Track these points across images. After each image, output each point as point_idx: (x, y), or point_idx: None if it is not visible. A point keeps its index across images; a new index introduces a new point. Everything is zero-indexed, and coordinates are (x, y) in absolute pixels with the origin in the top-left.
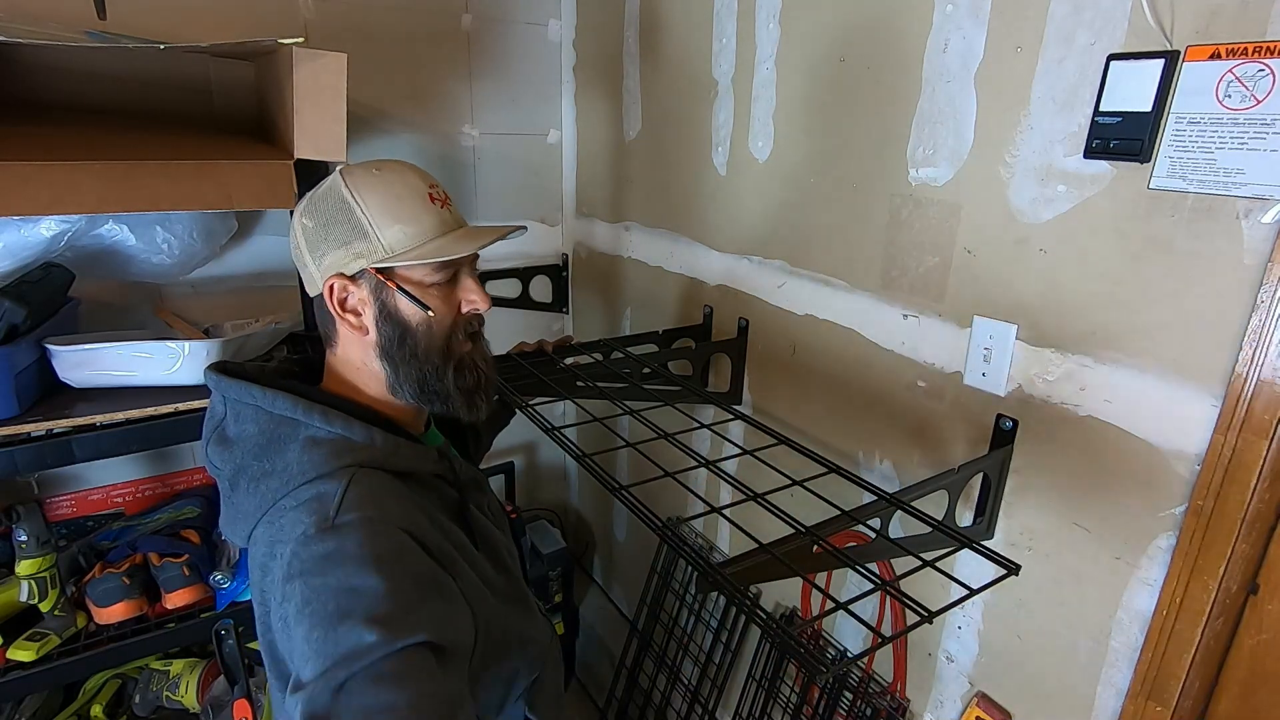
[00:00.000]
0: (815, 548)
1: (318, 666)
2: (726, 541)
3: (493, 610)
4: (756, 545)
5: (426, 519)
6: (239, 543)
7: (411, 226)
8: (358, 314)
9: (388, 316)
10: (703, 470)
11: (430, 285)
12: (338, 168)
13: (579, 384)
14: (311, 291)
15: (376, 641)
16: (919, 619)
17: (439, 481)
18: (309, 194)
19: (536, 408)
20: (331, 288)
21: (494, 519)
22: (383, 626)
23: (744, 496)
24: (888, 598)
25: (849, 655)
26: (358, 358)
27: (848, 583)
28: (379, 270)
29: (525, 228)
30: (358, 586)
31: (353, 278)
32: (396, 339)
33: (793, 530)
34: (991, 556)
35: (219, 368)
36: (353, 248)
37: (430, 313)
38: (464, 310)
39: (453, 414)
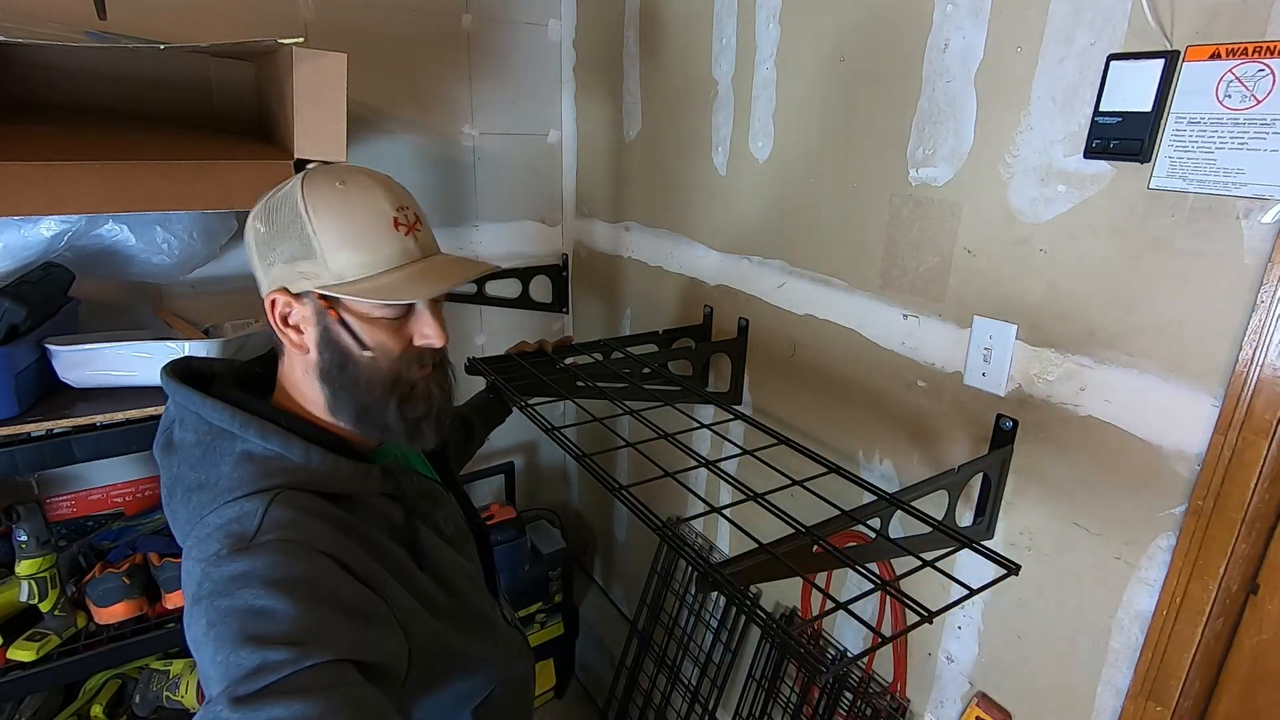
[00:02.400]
0: (815, 548)
1: (222, 685)
2: (726, 541)
3: (431, 631)
4: (756, 545)
5: (357, 542)
6: (182, 547)
7: (364, 255)
8: (299, 331)
9: (329, 343)
10: (703, 470)
11: (378, 319)
12: (303, 171)
13: (579, 384)
14: (262, 294)
15: (284, 659)
16: (919, 619)
17: (385, 500)
18: (267, 195)
19: (536, 408)
20: (274, 301)
21: (451, 535)
22: (291, 646)
23: (744, 496)
24: (888, 598)
25: (849, 655)
26: (299, 373)
27: (848, 583)
28: (323, 296)
29: (499, 268)
30: (266, 609)
31: (297, 295)
32: (336, 365)
33: (793, 530)
34: (991, 556)
35: (176, 368)
36: (298, 265)
37: (369, 353)
38: (417, 343)
39: (395, 442)
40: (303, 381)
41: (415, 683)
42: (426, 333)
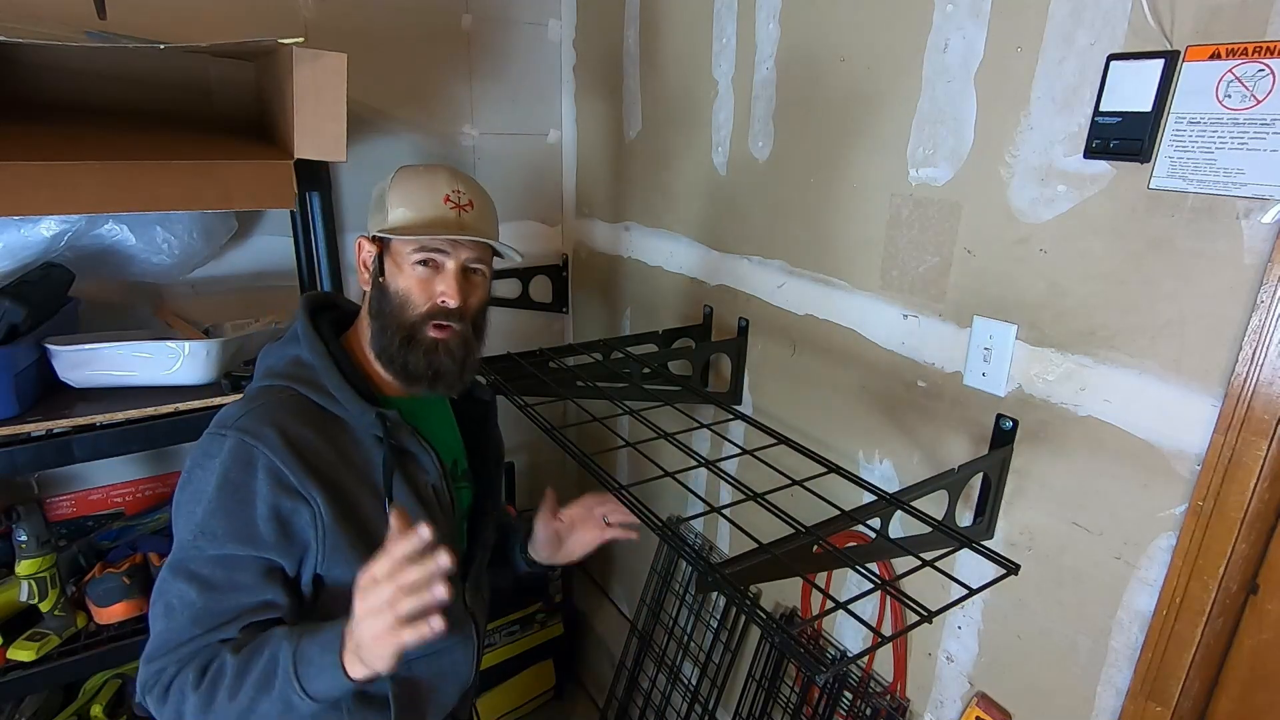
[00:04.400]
0: (815, 548)
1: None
2: (726, 541)
3: (350, 555)
4: (756, 545)
5: (328, 443)
6: None
7: (413, 212)
8: (366, 268)
9: (378, 280)
10: (703, 470)
11: (413, 265)
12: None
13: (579, 384)
14: None
15: (189, 541)
16: (919, 619)
17: (375, 441)
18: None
19: (536, 408)
20: (360, 244)
21: (427, 499)
22: (200, 533)
23: (744, 496)
24: (888, 598)
25: (849, 655)
26: (364, 312)
27: (848, 583)
28: (378, 237)
29: (519, 260)
30: (201, 491)
31: (371, 239)
32: (377, 299)
33: (793, 530)
34: (991, 556)
35: (309, 302)
36: (374, 217)
37: (381, 278)
38: (436, 301)
39: (420, 388)
40: (364, 320)
41: (328, 599)
42: (441, 289)
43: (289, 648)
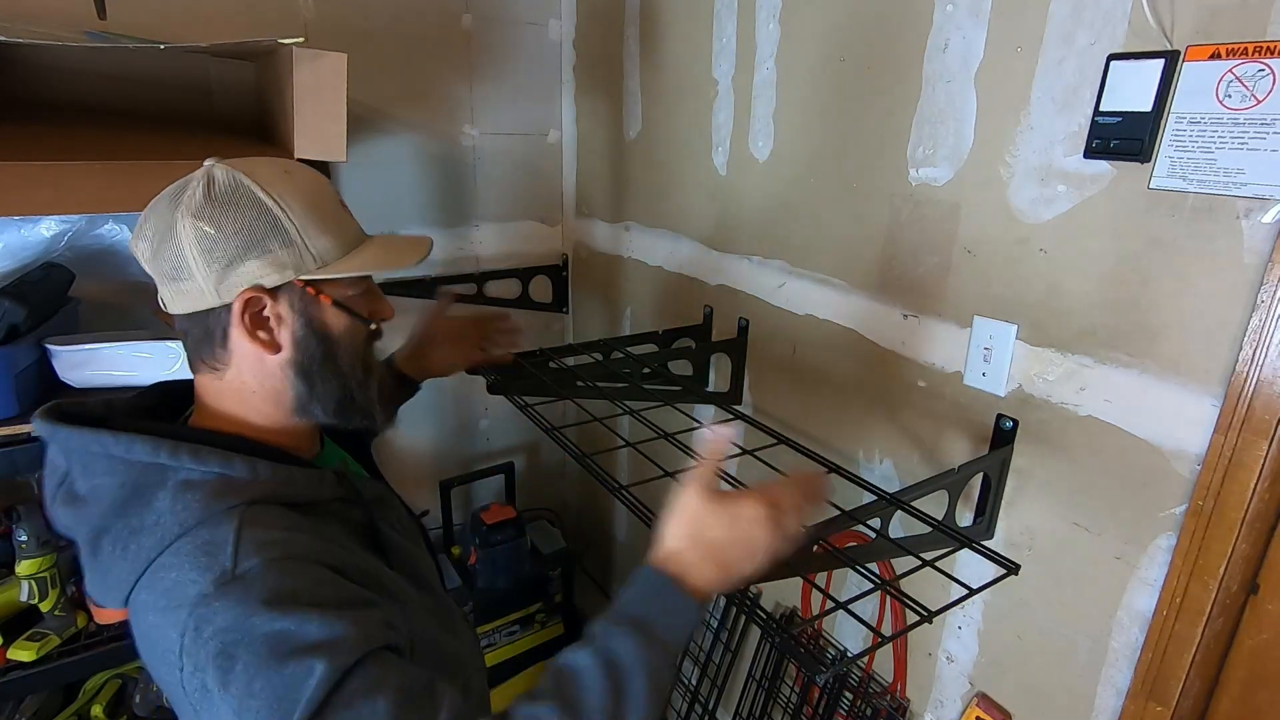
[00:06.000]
0: (815, 548)
1: (297, 714)
2: None
3: (416, 627)
4: None
5: (338, 547)
6: (113, 607)
7: (337, 237)
8: (270, 331)
9: (313, 332)
10: None
11: (352, 297)
12: (209, 165)
13: (579, 384)
14: (185, 307)
15: (327, 669)
16: (919, 619)
17: (341, 505)
18: (186, 197)
19: (536, 408)
20: (247, 301)
21: (406, 534)
22: (328, 652)
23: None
24: (888, 598)
25: (849, 655)
26: (252, 381)
27: (848, 583)
28: (308, 283)
29: (430, 240)
30: (282, 629)
31: (272, 291)
32: (321, 355)
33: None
34: (992, 556)
35: (52, 413)
36: (275, 257)
37: (372, 326)
38: (373, 321)
39: (372, 426)
40: (257, 389)
41: None
42: (382, 308)
43: (627, 639)
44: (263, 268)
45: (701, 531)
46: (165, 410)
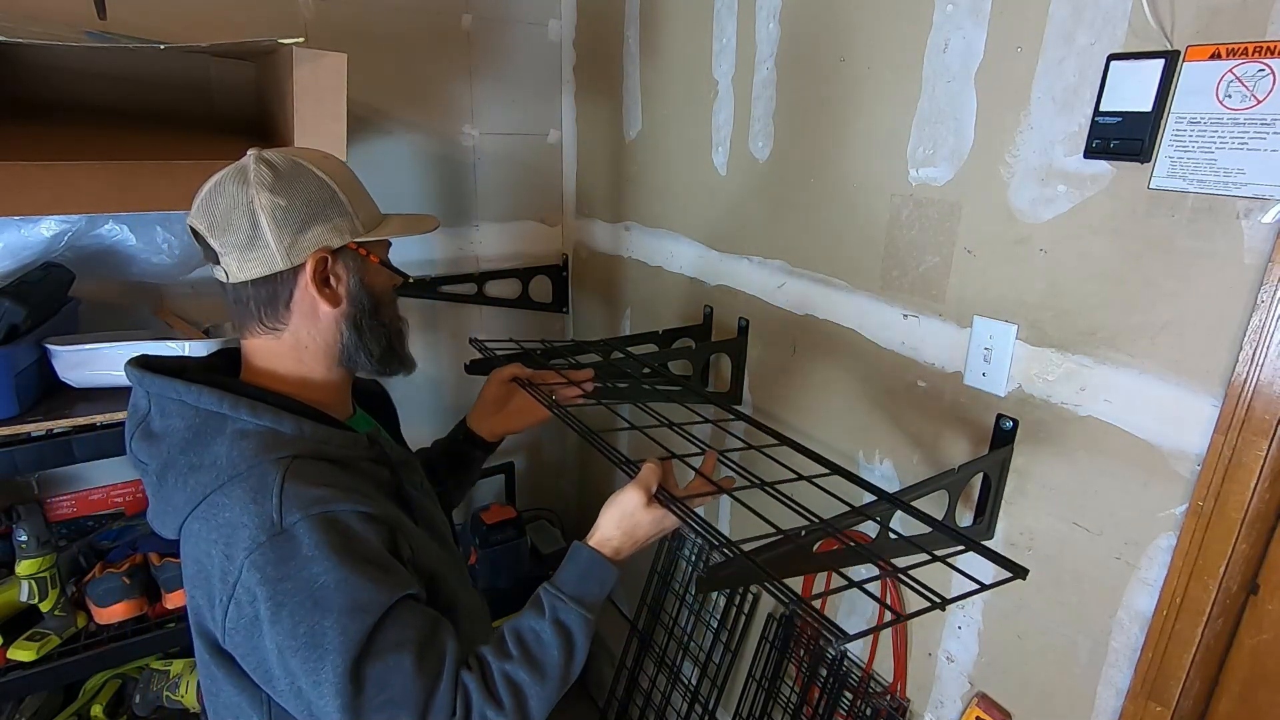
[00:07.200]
0: (816, 547)
1: (331, 660)
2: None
3: (435, 574)
4: (760, 536)
5: (368, 497)
6: (169, 535)
7: (370, 209)
8: (332, 288)
9: (363, 287)
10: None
11: (382, 259)
12: (255, 152)
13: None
14: (255, 273)
15: (362, 622)
16: (930, 604)
17: (372, 465)
18: (253, 176)
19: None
20: (320, 261)
21: (427, 495)
22: (364, 606)
23: (747, 484)
24: (889, 596)
25: (853, 657)
26: (307, 337)
27: (852, 575)
28: (360, 244)
29: (436, 217)
30: (325, 582)
31: (335, 252)
32: (370, 308)
33: (801, 524)
34: (998, 560)
35: (140, 363)
36: (335, 224)
37: (410, 279)
38: (397, 279)
39: (405, 373)
40: (309, 346)
41: None
42: (397, 270)
43: (557, 602)
44: (326, 232)
45: (633, 530)
46: (229, 370)
